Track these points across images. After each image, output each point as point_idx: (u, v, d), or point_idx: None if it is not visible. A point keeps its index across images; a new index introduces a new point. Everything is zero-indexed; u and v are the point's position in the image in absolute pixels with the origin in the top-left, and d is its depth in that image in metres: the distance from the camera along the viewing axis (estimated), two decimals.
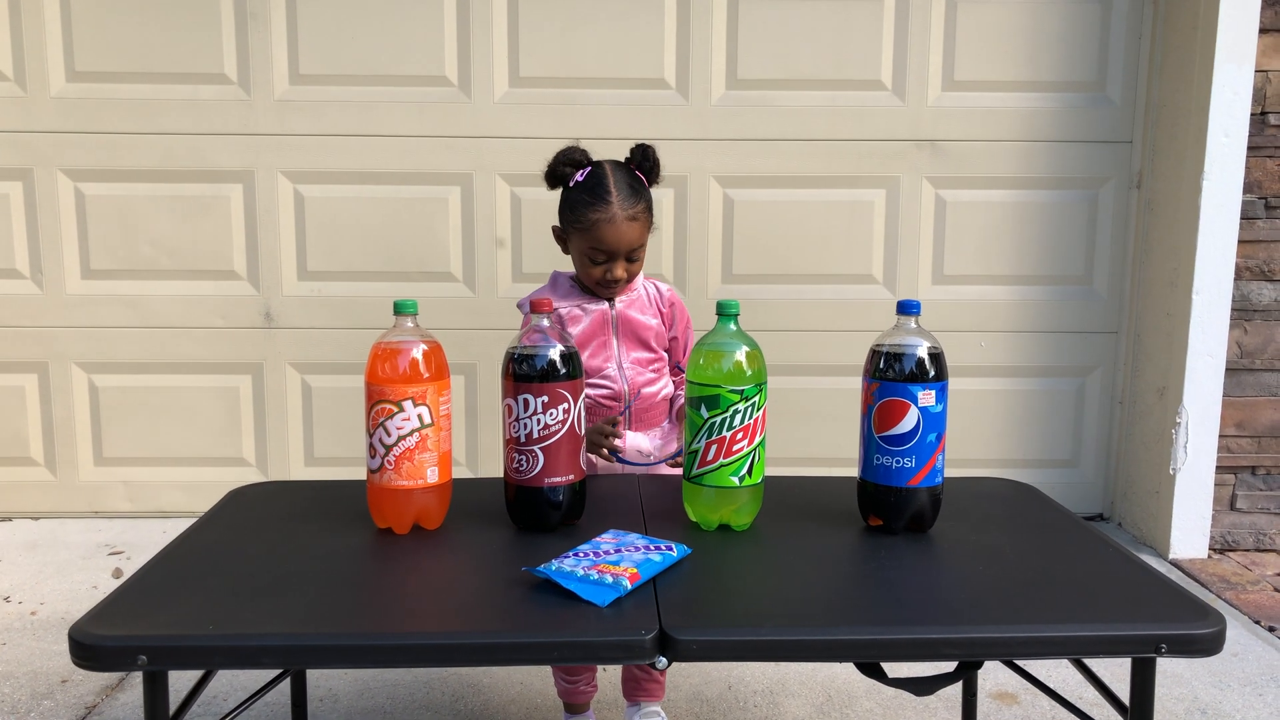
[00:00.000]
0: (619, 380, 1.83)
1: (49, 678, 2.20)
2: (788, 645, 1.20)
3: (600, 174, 1.79)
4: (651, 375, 1.86)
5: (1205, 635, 1.19)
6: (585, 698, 1.98)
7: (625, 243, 1.75)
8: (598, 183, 1.77)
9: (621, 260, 1.77)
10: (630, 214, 1.75)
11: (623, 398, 1.83)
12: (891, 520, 1.48)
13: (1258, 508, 3.02)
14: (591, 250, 1.76)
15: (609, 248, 1.75)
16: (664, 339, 1.89)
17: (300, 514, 1.57)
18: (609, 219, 1.74)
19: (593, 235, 1.75)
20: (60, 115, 3.02)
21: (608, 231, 1.74)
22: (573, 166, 1.81)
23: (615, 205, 1.75)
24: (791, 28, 3.03)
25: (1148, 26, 3.03)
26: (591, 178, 1.79)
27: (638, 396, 1.84)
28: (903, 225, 3.12)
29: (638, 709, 1.95)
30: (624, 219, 1.74)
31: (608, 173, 1.79)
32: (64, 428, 3.15)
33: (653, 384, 1.87)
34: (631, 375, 1.84)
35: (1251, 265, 2.90)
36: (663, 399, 1.89)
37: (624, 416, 1.84)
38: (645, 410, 1.86)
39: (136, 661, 1.13)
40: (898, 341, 1.46)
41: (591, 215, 1.75)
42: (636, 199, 1.77)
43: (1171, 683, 2.20)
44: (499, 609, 1.24)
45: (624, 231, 1.75)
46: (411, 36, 3.01)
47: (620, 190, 1.76)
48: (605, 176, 1.78)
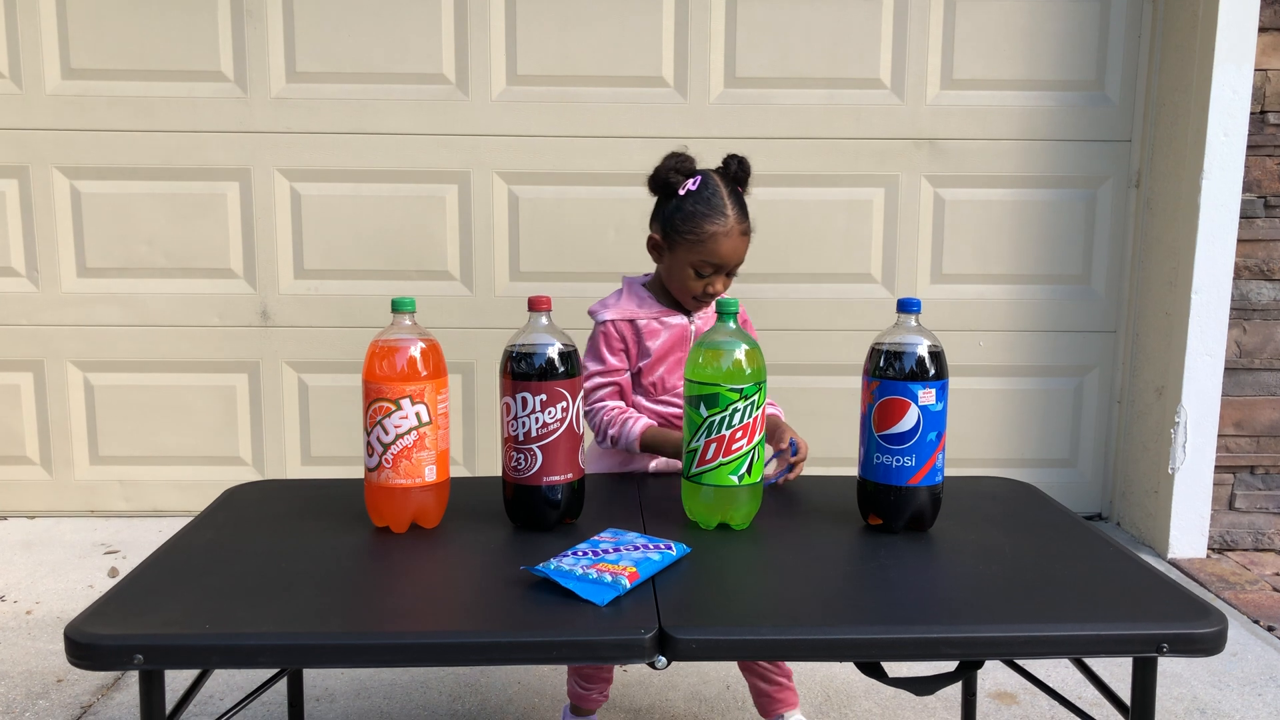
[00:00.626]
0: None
1: (44, 677, 2.19)
2: (787, 644, 1.19)
3: (713, 185, 1.73)
4: None
5: (1207, 635, 1.18)
6: (594, 705, 1.96)
7: (737, 257, 1.72)
8: (712, 194, 1.72)
9: (723, 275, 1.74)
10: (744, 228, 1.72)
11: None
12: (891, 519, 1.48)
13: (1256, 507, 3.01)
14: (701, 263, 1.71)
15: (721, 261, 1.71)
16: None
17: (297, 513, 1.56)
18: (726, 232, 1.70)
19: (707, 248, 1.70)
20: (56, 113, 3.01)
21: (724, 245, 1.70)
22: (684, 174, 1.75)
23: (732, 218, 1.70)
24: (790, 26, 3.02)
25: (1147, 25, 3.03)
26: (704, 188, 1.73)
27: None
28: (901, 224, 3.11)
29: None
30: (739, 232, 1.71)
31: (719, 184, 1.73)
32: (60, 426, 3.14)
33: None
34: None
35: (1250, 264, 2.90)
36: None
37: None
38: None
39: (132, 661, 1.12)
40: (898, 340, 1.46)
41: (709, 228, 1.70)
42: (746, 212, 1.74)
43: (1171, 682, 2.19)
44: (497, 608, 1.23)
45: (738, 246, 1.72)
46: (409, 34, 3.00)
47: (734, 202, 1.72)
48: (718, 188, 1.73)
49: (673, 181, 1.75)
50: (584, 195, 3.07)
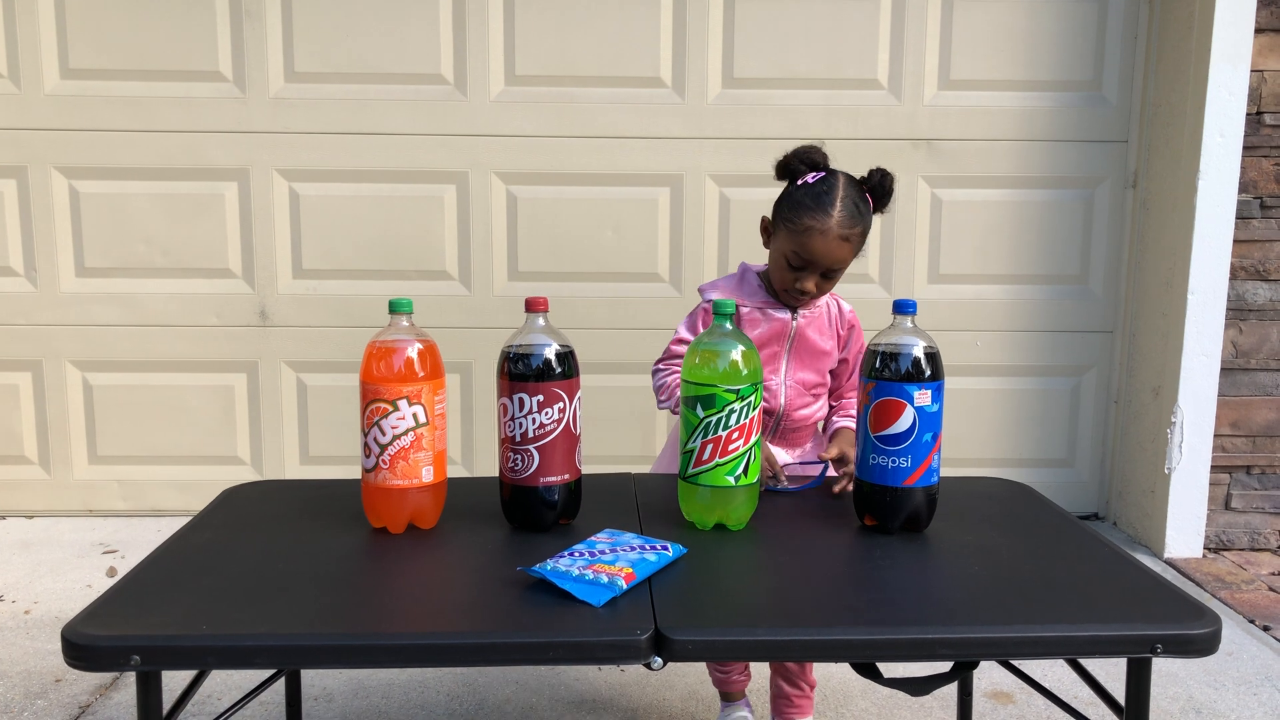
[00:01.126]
0: (778, 395, 1.78)
1: (42, 677, 2.19)
2: (783, 645, 1.20)
3: (832, 182, 1.71)
4: (810, 399, 1.81)
5: (1201, 635, 1.19)
6: (740, 686, 1.97)
7: (830, 259, 1.68)
8: (827, 190, 1.70)
9: (817, 275, 1.70)
10: (844, 233, 1.67)
11: (776, 413, 1.79)
12: (887, 520, 1.48)
13: (1252, 507, 3.02)
14: (793, 254, 1.70)
15: (811, 258, 1.68)
16: (833, 361, 1.83)
17: (295, 513, 1.57)
18: (823, 230, 1.67)
19: (800, 240, 1.68)
20: (55, 112, 3.01)
21: (818, 242, 1.67)
22: (808, 166, 1.74)
23: (834, 219, 1.67)
24: (787, 27, 3.03)
25: (1144, 26, 3.03)
26: (822, 183, 1.71)
27: (789, 417, 1.80)
28: (899, 224, 3.12)
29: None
30: (837, 235, 1.67)
31: (840, 184, 1.71)
32: (58, 426, 3.15)
33: (809, 406, 1.81)
34: (791, 395, 1.79)
35: (1247, 265, 2.90)
36: (814, 422, 1.84)
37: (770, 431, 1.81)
38: (794, 430, 1.83)
39: (129, 661, 1.13)
40: (894, 341, 1.46)
41: (807, 220, 1.68)
42: (857, 220, 1.69)
43: (1166, 682, 2.20)
44: (494, 609, 1.24)
45: (833, 248, 1.68)
46: (407, 34, 3.01)
47: (845, 206, 1.68)
48: (836, 187, 1.70)
49: (796, 170, 1.75)
50: (582, 195, 3.07)
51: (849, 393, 1.86)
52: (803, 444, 1.86)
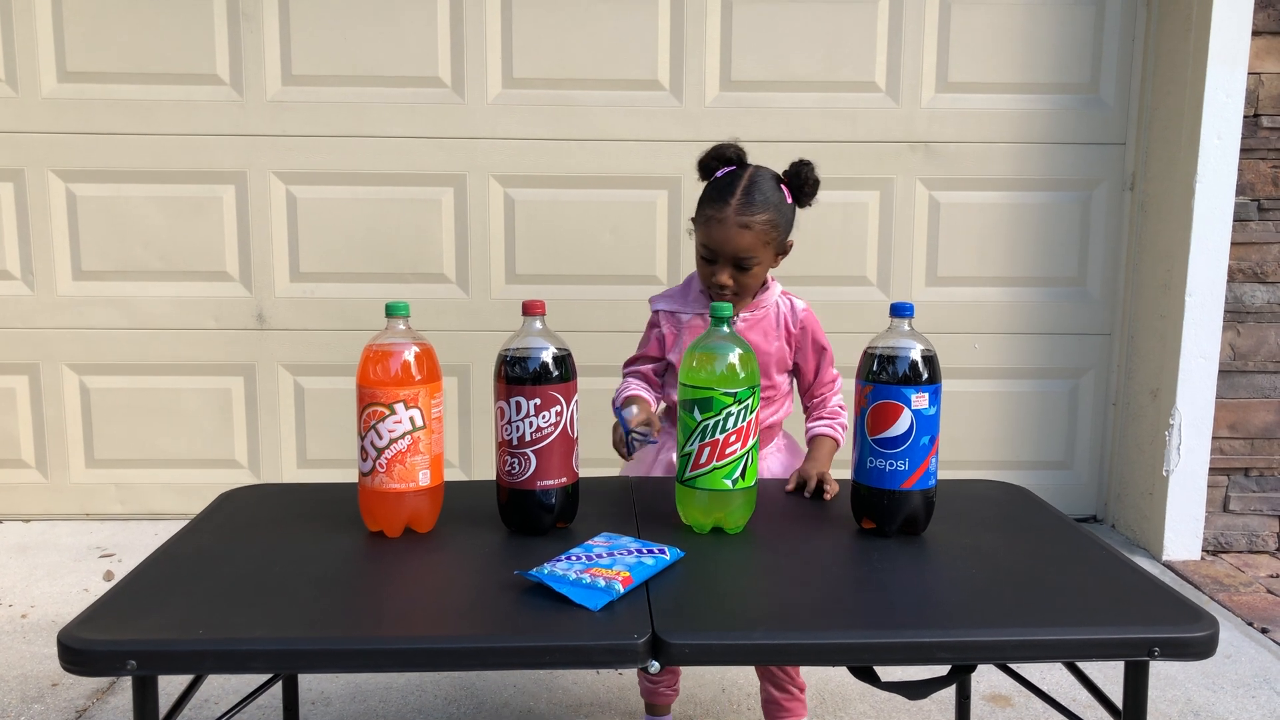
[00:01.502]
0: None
1: (39, 681, 2.19)
2: (780, 649, 1.20)
3: (738, 174, 1.73)
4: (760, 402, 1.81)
5: (1198, 638, 1.19)
6: (667, 700, 1.96)
7: (731, 247, 1.68)
8: (730, 182, 1.72)
9: (728, 267, 1.70)
10: (743, 220, 1.67)
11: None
12: (885, 523, 1.48)
13: (1250, 509, 3.02)
14: (701, 246, 1.73)
15: (715, 247, 1.70)
16: (786, 363, 1.82)
17: (291, 517, 1.57)
18: (721, 218, 1.68)
19: (704, 231, 1.72)
20: (52, 116, 3.01)
21: (716, 231, 1.69)
22: (721, 162, 1.76)
23: (731, 207, 1.68)
24: (785, 29, 3.03)
25: (1141, 29, 3.03)
26: (727, 177, 1.73)
27: None
28: (896, 227, 3.12)
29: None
30: (735, 223, 1.67)
31: (745, 175, 1.72)
32: (55, 429, 3.14)
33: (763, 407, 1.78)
34: None
35: (1244, 267, 2.90)
36: (770, 426, 1.81)
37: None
38: None
39: (125, 666, 1.12)
40: (891, 344, 1.46)
41: (707, 211, 1.71)
42: (758, 208, 1.68)
43: (1165, 685, 2.20)
44: (490, 613, 1.23)
45: (731, 235, 1.68)
46: (405, 37, 3.01)
47: (746, 195, 1.69)
48: (740, 178, 1.72)
49: (711, 167, 1.77)
50: (580, 198, 3.07)
51: (821, 390, 1.85)
52: (762, 447, 1.83)
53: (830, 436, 1.81)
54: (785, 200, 1.74)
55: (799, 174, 1.76)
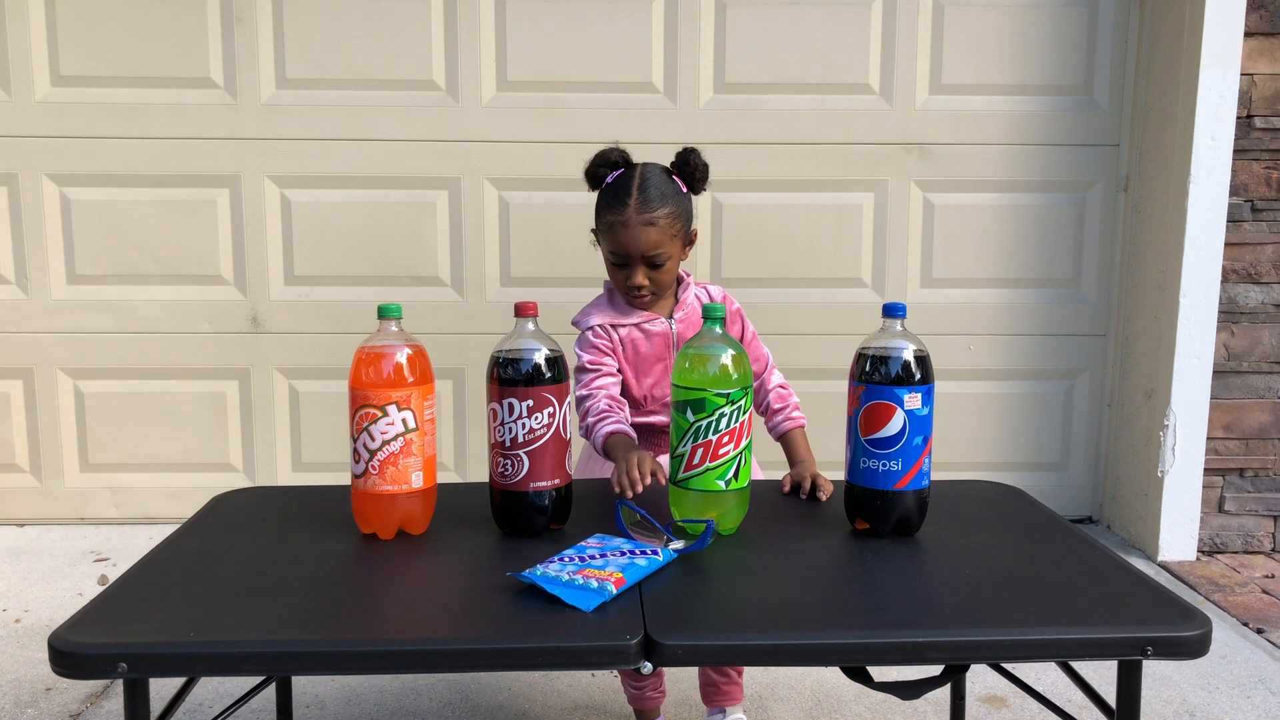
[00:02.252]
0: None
1: (33, 685, 2.18)
2: (773, 650, 1.19)
3: (628, 176, 1.74)
4: None
5: (1191, 638, 1.19)
6: (655, 704, 1.96)
7: (639, 247, 1.70)
8: (623, 183, 1.73)
9: (640, 266, 1.71)
10: (646, 218, 1.69)
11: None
12: (878, 524, 1.48)
13: (1246, 510, 3.02)
14: (610, 253, 1.74)
15: (623, 251, 1.71)
16: None
17: (284, 519, 1.56)
18: (624, 221, 1.70)
19: (609, 238, 1.73)
20: (46, 120, 3.01)
21: (621, 234, 1.70)
22: (608, 168, 1.77)
23: (631, 208, 1.70)
24: (779, 31, 3.03)
25: (1134, 30, 3.04)
26: (619, 180, 1.75)
27: None
28: (891, 228, 3.12)
29: (721, 714, 1.92)
30: (638, 222, 1.69)
31: (636, 174, 1.74)
32: (49, 434, 3.14)
33: None
34: None
35: (1238, 268, 2.91)
36: None
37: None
38: None
39: (116, 669, 1.12)
40: (883, 344, 1.46)
41: (609, 217, 1.72)
42: (657, 203, 1.70)
43: (1160, 685, 2.20)
44: (483, 614, 1.23)
45: (637, 235, 1.69)
46: (398, 41, 3.01)
47: (642, 193, 1.71)
48: (631, 178, 1.73)
49: (598, 174, 1.78)
50: (574, 201, 3.07)
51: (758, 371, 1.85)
52: None
53: (796, 426, 1.83)
54: (680, 190, 1.76)
55: (686, 162, 1.78)
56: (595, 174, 1.79)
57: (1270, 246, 2.91)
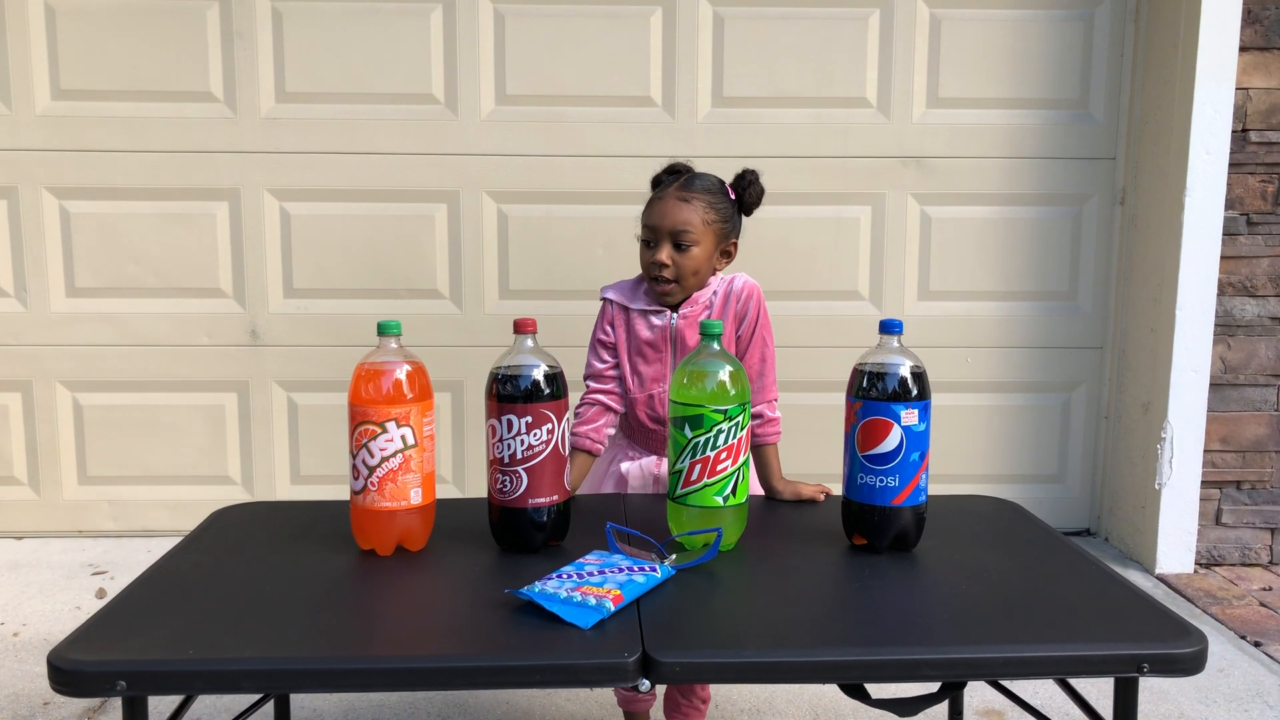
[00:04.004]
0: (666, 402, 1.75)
1: (31, 700, 2.18)
2: (770, 667, 1.20)
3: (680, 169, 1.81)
4: None
5: (1187, 655, 1.19)
6: (645, 706, 1.97)
7: (670, 220, 1.72)
8: (671, 174, 1.80)
9: (666, 243, 1.73)
10: (682, 195, 1.74)
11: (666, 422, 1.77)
12: (875, 539, 1.48)
13: (1243, 522, 3.03)
14: (643, 229, 1.77)
15: (654, 224, 1.74)
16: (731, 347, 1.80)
17: (283, 535, 1.57)
18: (660, 196, 1.76)
19: (645, 215, 1.77)
20: (45, 133, 3.02)
21: (655, 207, 1.75)
22: (670, 173, 1.83)
23: (671, 187, 1.76)
24: (776, 46, 3.04)
25: (1130, 45, 3.06)
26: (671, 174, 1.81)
27: None
28: (888, 241, 3.13)
29: None
30: (674, 197, 1.74)
31: (688, 171, 1.80)
32: (48, 446, 3.14)
33: None
34: None
35: (1234, 281, 2.92)
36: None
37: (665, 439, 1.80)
38: None
39: (115, 687, 1.12)
40: (880, 360, 1.47)
41: (651, 197, 1.78)
42: (697, 189, 1.75)
43: (1158, 699, 2.20)
44: (481, 632, 1.24)
45: (670, 208, 1.73)
46: (398, 54, 3.02)
47: (687, 180, 1.77)
48: (681, 172, 1.80)
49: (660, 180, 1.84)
50: (573, 214, 3.08)
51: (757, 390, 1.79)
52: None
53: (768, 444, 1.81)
54: (728, 197, 1.79)
55: (744, 178, 1.82)
56: (658, 179, 1.84)
57: (1266, 260, 2.92)
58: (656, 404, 1.80)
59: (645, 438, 1.84)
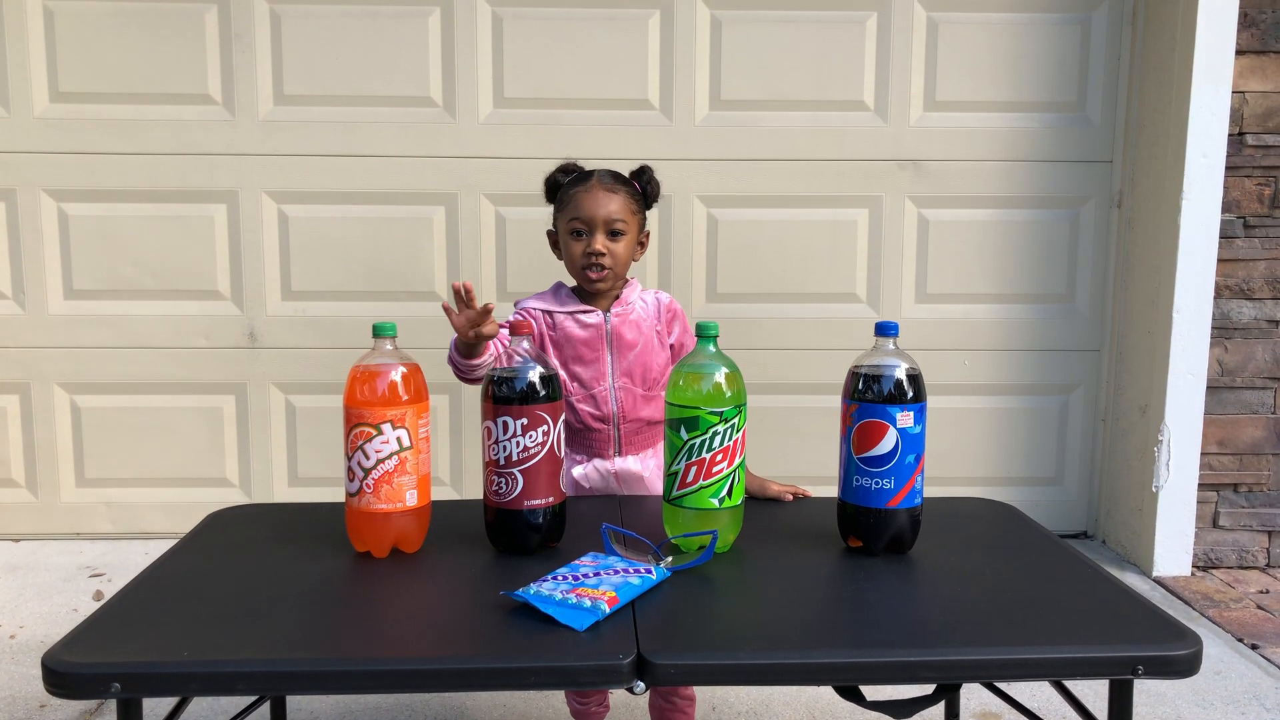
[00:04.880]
0: (608, 401, 1.81)
1: (27, 702, 2.18)
2: (765, 669, 1.20)
3: (588, 170, 1.87)
4: (644, 398, 1.83)
5: (1182, 657, 1.19)
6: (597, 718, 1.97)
7: (603, 211, 1.78)
8: (584, 173, 1.86)
9: (600, 233, 1.78)
10: (609, 186, 1.81)
11: (610, 419, 1.82)
12: (871, 541, 1.48)
13: (1240, 525, 3.03)
14: (572, 222, 1.80)
15: (586, 215, 1.78)
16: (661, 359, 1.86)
17: (279, 537, 1.57)
18: (587, 188, 1.80)
19: (571, 206, 1.81)
20: (44, 135, 3.02)
21: (585, 200, 1.79)
22: (564, 174, 1.89)
23: (593, 179, 1.82)
24: (774, 49, 3.05)
25: (1126, 48, 3.06)
26: (580, 173, 1.87)
27: (626, 421, 1.83)
28: (885, 244, 3.13)
29: None
30: (602, 189, 1.80)
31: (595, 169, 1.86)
32: (45, 449, 3.14)
33: (648, 406, 1.83)
34: (623, 397, 1.82)
35: (1231, 284, 2.92)
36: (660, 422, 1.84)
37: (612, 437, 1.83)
38: (637, 434, 1.84)
39: (110, 689, 1.12)
40: (876, 363, 1.47)
41: (571, 190, 1.82)
42: (618, 183, 1.83)
43: (1155, 701, 2.20)
44: (477, 634, 1.24)
45: (601, 200, 1.79)
46: (396, 57, 3.02)
47: (602, 174, 1.83)
48: (592, 170, 1.86)
49: (557, 180, 1.89)
50: None
51: None
52: (654, 444, 1.86)
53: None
54: (636, 189, 1.87)
55: (644, 173, 1.89)
56: (553, 180, 1.89)
57: (1262, 263, 2.92)
58: (600, 403, 1.81)
59: (588, 439, 1.84)
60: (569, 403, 1.82)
